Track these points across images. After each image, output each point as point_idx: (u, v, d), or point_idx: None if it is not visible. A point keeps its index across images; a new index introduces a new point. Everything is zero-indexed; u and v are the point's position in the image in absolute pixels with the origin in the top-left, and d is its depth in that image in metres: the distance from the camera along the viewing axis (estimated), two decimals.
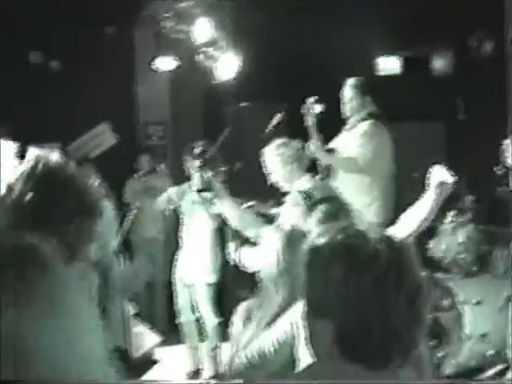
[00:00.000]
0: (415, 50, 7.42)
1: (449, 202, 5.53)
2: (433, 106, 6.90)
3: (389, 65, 7.56)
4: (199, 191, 3.69)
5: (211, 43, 5.90)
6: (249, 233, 3.62)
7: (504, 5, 6.74)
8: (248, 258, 3.35)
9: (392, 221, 5.04)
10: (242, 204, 3.99)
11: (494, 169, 4.93)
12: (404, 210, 3.90)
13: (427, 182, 2.89)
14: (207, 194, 3.69)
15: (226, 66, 6.04)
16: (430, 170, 2.88)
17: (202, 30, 5.75)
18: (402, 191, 5.34)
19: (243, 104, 7.24)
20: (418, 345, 1.44)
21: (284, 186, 4.20)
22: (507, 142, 3.72)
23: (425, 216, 3.09)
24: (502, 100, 6.71)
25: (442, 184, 2.81)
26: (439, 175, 2.84)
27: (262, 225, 3.61)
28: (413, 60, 7.59)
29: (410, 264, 1.43)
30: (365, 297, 1.36)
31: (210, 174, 3.63)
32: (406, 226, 3.06)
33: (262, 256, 2.70)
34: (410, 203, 4.89)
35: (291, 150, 4.16)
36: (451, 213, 5.23)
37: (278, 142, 4.20)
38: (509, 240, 4.06)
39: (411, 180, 5.22)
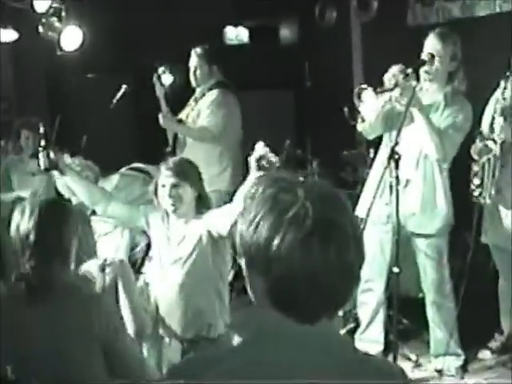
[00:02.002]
0: (262, 19, 7.49)
1: (296, 167, 5.72)
2: (281, 74, 7.01)
3: (236, 34, 7.59)
4: (46, 170, 3.66)
5: (53, 13, 5.71)
6: (98, 208, 3.60)
7: None
8: None
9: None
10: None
11: (343, 108, 4.96)
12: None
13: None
14: (54, 173, 3.67)
15: (70, 37, 5.87)
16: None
17: None
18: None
19: (89, 75, 7.07)
20: (347, 300, 1.45)
21: None
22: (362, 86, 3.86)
23: None
24: (348, 65, 6.97)
25: (260, 159, 2.91)
26: (259, 152, 2.94)
27: (110, 200, 3.58)
28: (260, 29, 7.66)
29: (339, 216, 1.41)
30: (291, 251, 1.35)
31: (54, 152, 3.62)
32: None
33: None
34: None
35: None
36: (299, 178, 5.33)
37: None
38: (355, 203, 4.21)
39: None
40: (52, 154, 3.56)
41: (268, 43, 7.61)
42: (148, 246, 4.05)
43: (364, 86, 3.89)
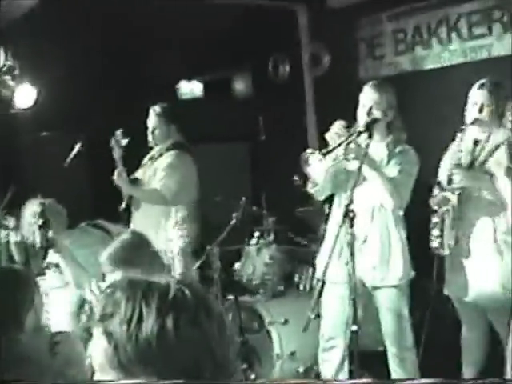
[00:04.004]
0: (215, 73, 7.56)
1: (252, 224, 5.72)
2: (236, 128, 7.05)
3: (190, 89, 7.64)
4: (42, 248, 3.68)
5: (6, 72, 5.69)
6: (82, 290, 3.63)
7: (298, 30, 7.09)
8: None
9: (202, 246, 5.17)
10: None
11: (294, 178, 5.06)
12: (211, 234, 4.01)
13: None
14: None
15: (24, 95, 5.86)
16: None
17: None
18: (207, 215, 5.43)
19: (43, 134, 7.00)
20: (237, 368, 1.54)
21: None
22: (308, 151, 3.90)
23: None
24: (301, 118, 7.05)
25: None
26: None
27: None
28: (214, 83, 7.72)
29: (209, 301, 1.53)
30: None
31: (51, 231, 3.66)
32: None
33: None
34: (217, 226, 5.02)
35: None
36: (255, 234, 5.35)
37: None
38: (312, 258, 4.23)
39: (215, 204, 5.33)
40: (50, 233, 3.58)
41: (222, 97, 7.66)
42: None
43: (310, 150, 3.93)
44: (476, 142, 4.14)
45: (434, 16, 5.78)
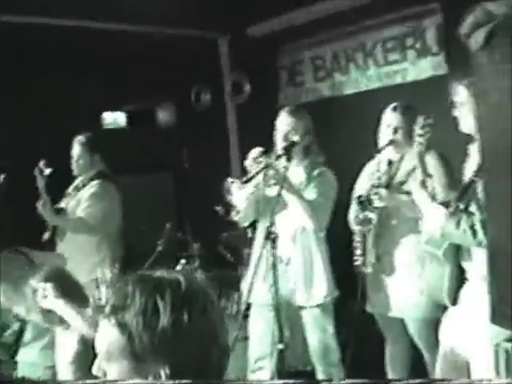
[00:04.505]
0: (139, 103, 7.56)
1: (178, 250, 5.73)
2: (160, 157, 7.07)
3: (114, 119, 7.61)
4: None
5: None
6: None
7: (220, 59, 7.19)
8: None
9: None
10: None
11: (216, 208, 5.16)
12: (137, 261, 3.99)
13: None
14: None
15: None
16: None
17: None
18: (133, 243, 5.41)
19: None
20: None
21: None
22: (229, 180, 3.98)
23: None
24: (224, 146, 7.12)
25: None
26: None
27: None
28: (138, 113, 7.71)
29: None
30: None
31: None
32: None
33: None
34: (143, 254, 5.01)
35: None
36: (181, 260, 5.36)
37: None
38: (238, 282, 4.28)
39: (140, 232, 5.33)
40: None
41: (146, 126, 7.66)
42: (21, 330, 3.94)
43: (231, 180, 4.01)
44: (390, 163, 4.29)
45: (350, 43, 5.95)
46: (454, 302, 3.46)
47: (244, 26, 6.66)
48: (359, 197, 4.25)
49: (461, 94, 3.43)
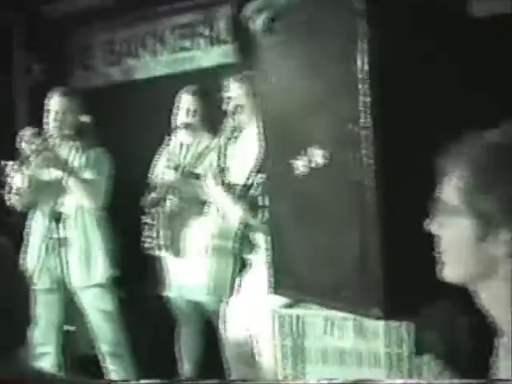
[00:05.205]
0: None
1: None
2: None
3: None
4: None
5: None
6: None
7: (12, 39, 6.88)
8: None
9: None
10: None
11: None
12: None
13: None
14: None
15: None
16: None
17: None
18: None
19: None
20: None
21: None
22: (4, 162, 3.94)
23: None
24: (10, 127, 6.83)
25: None
26: None
27: None
28: None
29: None
30: None
31: None
32: None
33: None
34: None
35: None
36: None
37: None
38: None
39: None
40: None
41: None
42: None
43: (8, 162, 3.94)
44: (182, 146, 4.36)
45: (142, 28, 5.93)
46: (237, 291, 3.60)
47: (38, 6, 6.42)
48: (152, 180, 4.29)
49: (233, 89, 3.61)
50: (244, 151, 3.64)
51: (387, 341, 2.85)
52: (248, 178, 3.39)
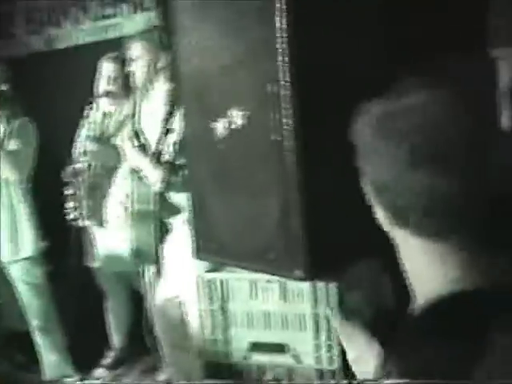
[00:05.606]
0: None
1: None
2: None
3: None
4: None
5: None
6: None
7: None
8: None
9: None
10: None
11: None
12: None
13: None
14: None
15: None
16: None
17: None
18: None
19: None
20: None
21: None
22: None
23: None
24: None
25: None
26: None
27: None
28: None
29: None
30: None
31: None
32: None
33: None
34: None
35: None
36: None
37: None
38: None
39: None
40: None
41: None
42: None
43: None
44: (105, 114, 4.28)
45: None
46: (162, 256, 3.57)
47: None
48: (74, 150, 4.21)
49: (136, 49, 3.56)
50: (154, 112, 3.59)
51: (313, 302, 2.87)
52: (159, 139, 3.35)
